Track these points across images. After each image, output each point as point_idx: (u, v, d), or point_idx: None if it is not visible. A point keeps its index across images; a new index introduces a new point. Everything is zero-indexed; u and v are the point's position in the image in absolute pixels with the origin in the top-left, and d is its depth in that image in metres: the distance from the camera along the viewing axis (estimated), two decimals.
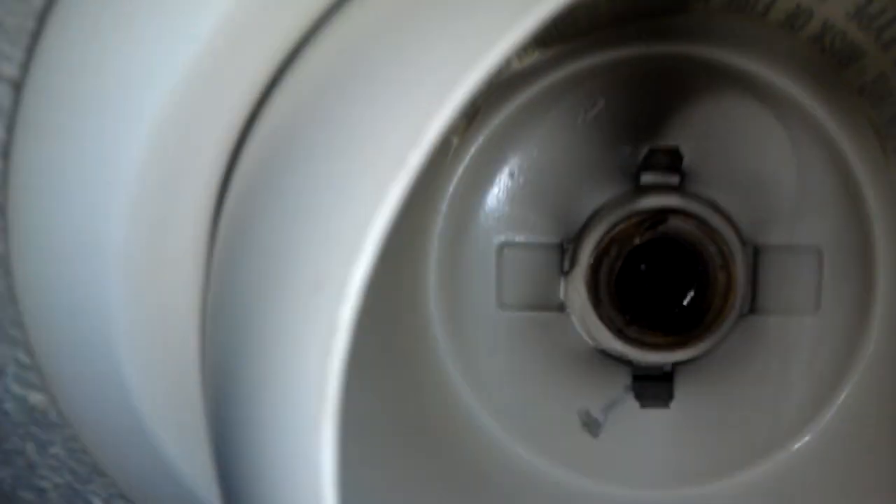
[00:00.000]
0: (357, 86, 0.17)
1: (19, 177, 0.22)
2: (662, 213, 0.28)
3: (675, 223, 0.28)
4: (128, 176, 0.22)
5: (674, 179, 0.29)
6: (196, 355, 0.24)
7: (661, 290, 0.29)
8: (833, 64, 0.28)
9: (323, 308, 0.14)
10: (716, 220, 0.28)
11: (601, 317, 0.29)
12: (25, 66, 0.21)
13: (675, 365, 0.30)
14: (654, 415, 0.30)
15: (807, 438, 0.30)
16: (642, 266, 0.29)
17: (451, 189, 0.29)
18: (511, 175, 0.29)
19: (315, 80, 0.20)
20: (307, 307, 0.15)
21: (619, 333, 0.29)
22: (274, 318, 0.16)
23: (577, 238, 0.29)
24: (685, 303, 0.29)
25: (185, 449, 0.26)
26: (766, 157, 0.29)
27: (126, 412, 0.25)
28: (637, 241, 0.28)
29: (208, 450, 0.22)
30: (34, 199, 0.22)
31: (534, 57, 0.28)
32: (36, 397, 0.25)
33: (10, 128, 0.22)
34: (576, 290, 0.29)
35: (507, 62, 0.27)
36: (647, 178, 0.29)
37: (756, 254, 0.29)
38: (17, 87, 0.21)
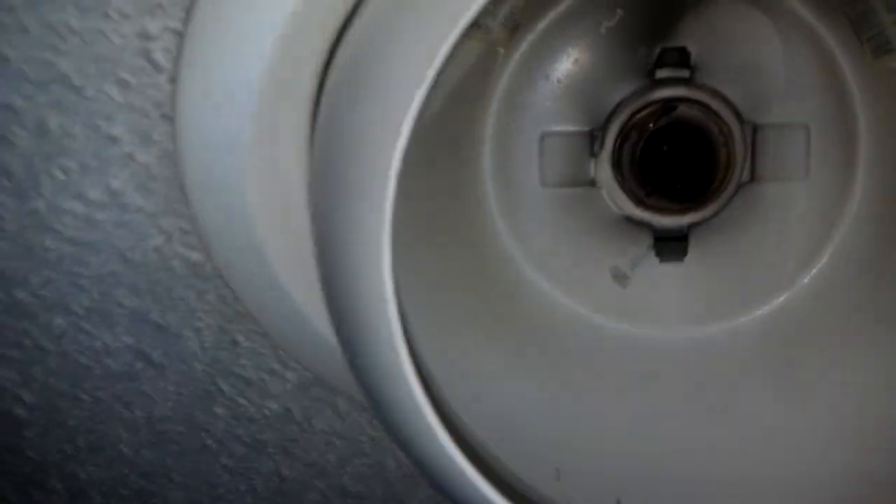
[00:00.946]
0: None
1: (184, 89, 0.30)
2: (673, 102, 0.34)
3: (683, 110, 0.35)
4: (253, 77, 0.30)
5: (684, 73, 0.35)
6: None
7: (676, 166, 0.36)
8: None
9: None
10: (717, 105, 0.34)
11: (625, 189, 0.35)
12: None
13: (689, 227, 0.36)
14: (672, 268, 0.36)
15: (804, 281, 0.36)
16: (661, 146, 0.36)
17: (499, 90, 0.35)
18: (548, 77, 0.35)
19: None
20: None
21: (640, 203, 0.35)
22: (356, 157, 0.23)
23: (604, 126, 0.35)
24: (695, 174, 0.35)
25: (309, 296, 0.34)
26: (760, 50, 0.34)
27: (261, 267, 0.33)
28: (652, 126, 0.35)
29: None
30: (193, 103, 0.30)
31: None
32: (195, 256, 0.34)
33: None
34: (603, 169, 0.35)
35: None
36: (662, 73, 0.35)
37: (754, 131, 0.35)
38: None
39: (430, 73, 0.22)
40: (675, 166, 0.36)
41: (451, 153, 0.36)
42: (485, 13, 0.33)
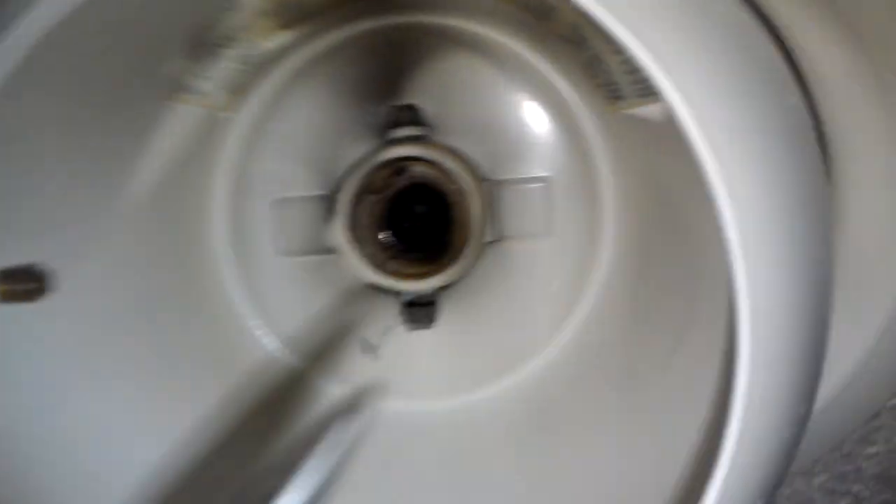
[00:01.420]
0: None
1: None
2: (404, 162, 0.33)
3: (418, 169, 0.33)
4: None
5: (418, 131, 0.33)
6: None
7: (415, 228, 0.34)
8: (537, 18, 0.32)
9: None
10: (450, 164, 0.33)
11: (363, 255, 0.33)
12: None
13: (437, 292, 0.34)
14: (423, 336, 0.34)
15: (560, 341, 0.34)
16: (399, 208, 0.34)
17: (226, 156, 0.34)
18: (279, 141, 0.34)
19: None
20: None
21: (381, 268, 0.33)
22: None
23: (337, 189, 0.33)
24: (436, 236, 0.34)
25: None
26: (496, 105, 0.33)
27: None
28: (385, 187, 0.33)
29: None
30: None
31: (282, 37, 0.32)
32: None
33: None
34: (340, 234, 0.33)
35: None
36: (396, 132, 0.33)
37: (494, 188, 0.33)
38: None
39: None
40: (414, 229, 0.34)
41: (179, 225, 0.33)
42: (196, 76, 0.32)
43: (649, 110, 0.29)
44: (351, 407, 0.34)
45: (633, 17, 0.18)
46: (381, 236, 0.34)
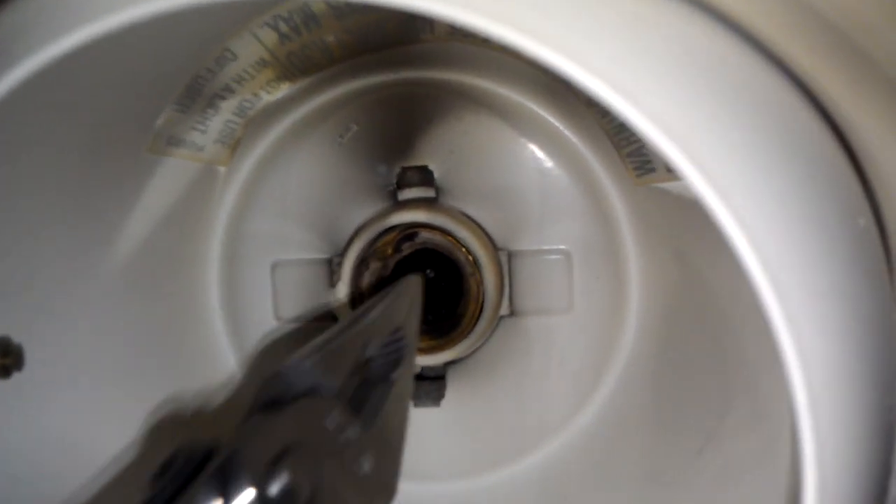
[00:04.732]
0: None
1: None
2: (414, 227, 0.30)
3: (427, 235, 0.30)
4: None
5: (429, 194, 0.31)
6: None
7: (427, 297, 0.31)
8: (560, 79, 0.29)
9: None
10: (462, 231, 0.30)
11: None
12: None
13: (446, 367, 0.32)
14: (432, 414, 0.32)
15: (570, 433, 0.31)
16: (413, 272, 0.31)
17: (223, 215, 0.31)
18: (279, 198, 0.31)
19: None
20: None
21: None
22: None
23: (343, 253, 0.31)
24: (446, 307, 0.31)
25: None
26: (513, 169, 0.30)
27: None
28: (392, 253, 0.30)
29: None
30: None
31: (284, 89, 0.30)
32: None
33: None
34: (342, 301, 0.31)
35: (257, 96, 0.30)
36: (405, 194, 0.31)
37: (510, 259, 0.31)
38: None
39: None
40: (428, 298, 0.31)
41: (174, 283, 0.31)
42: (191, 129, 0.29)
43: (682, 185, 0.26)
44: None
45: (664, 111, 0.15)
46: None
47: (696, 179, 0.14)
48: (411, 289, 0.25)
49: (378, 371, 0.23)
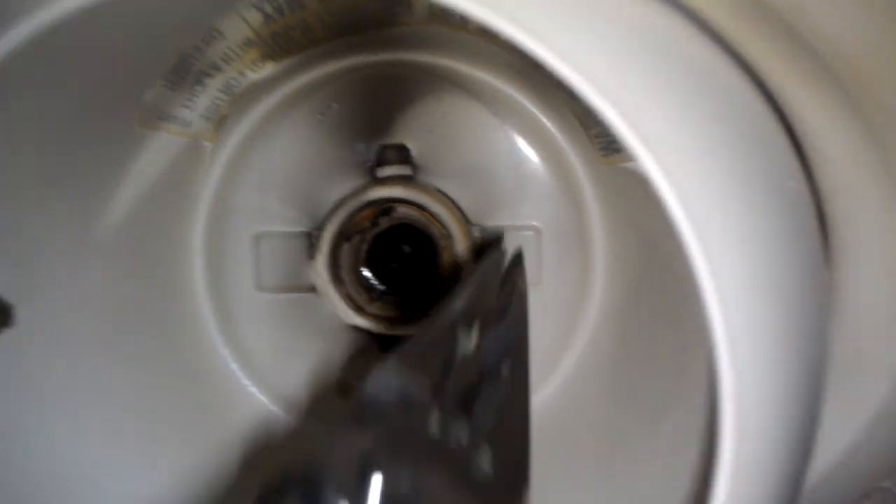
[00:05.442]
0: None
1: None
2: (390, 203, 0.32)
3: (403, 211, 0.32)
4: None
5: (406, 171, 0.32)
6: None
7: (400, 271, 0.33)
8: (531, 62, 0.31)
9: None
10: (436, 207, 0.31)
11: (343, 296, 0.32)
12: None
13: None
14: None
15: (535, 403, 0.33)
16: (384, 249, 0.33)
17: (209, 188, 0.32)
18: (262, 174, 0.32)
19: None
20: None
21: (360, 310, 0.32)
22: None
23: (321, 227, 0.32)
24: (421, 280, 0.32)
25: None
26: (488, 149, 0.32)
27: None
28: (370, 227, 0.32)
29: None
30: None
31: (268, 68, 0.31)
32: None
33: None
34: (320, 273, 0.32)
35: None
36: (383, 171, 0.32)
37: (483, 234, 0.32)
38: None
39: None
40: (398, 271, 0.33)
41: (156, 255, 0.32)
42: (179, 105, 0.30)
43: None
44: None
45: (612, 85, 0.17)
46: (362, 277, 0.32)
47: (623, 131, 0.16)
48: (490, 270, 0.24)
49: (486, 364, 0.22)
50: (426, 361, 0.19)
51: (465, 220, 0.32)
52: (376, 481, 0.15)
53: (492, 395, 0.20)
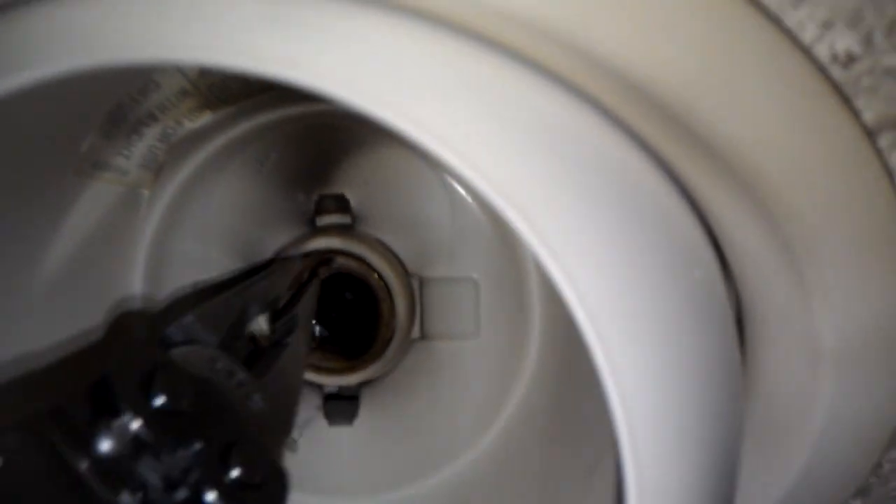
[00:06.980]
0: None
1: None
2: (328, 254, 0.32)
3: (342, 261, 0.32)
4: None
5: (346, 220, 0.32)
6: None
7: (340, 321, 0.33)
8: None
9: None
10: (375, 258, 0.31)
11: None
12: None
13: (360, 387, 0.33)
14: (345, 432, 0.33)
15: (483, 444, 0.33)
16: (324, 300, 0.33)
17: (147, 236, 0.32)
18: (201, 222, 0.32)
19: None
20: None
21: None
22: None
23: None
24: (360, 330, 0.32)
25: None
26: (426, 199, 0.32)
27: None
28: (307, 279, 0.32)
29: None
30: None
31: (206, 118, 0.31)
32: None
33: None
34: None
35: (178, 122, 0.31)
36: (322, 220, 0.32)
37: (421, 285, 0.32)
38: None
39: None
40: (338, 320, 0.33)
41: (99, 301, 0.32)
42: (115, 154, 0.30)
43: None
44: None
45: (501, 174, 0.17)
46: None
47: (534, 242, 0.16)
48: (287, 267, 0.29)
49: (274, 338, 0.28)
50: (217, 322, 0.25)
51: (404, 271, 0.32)
52: (159, 395, 0.19)
53: (271, 358, 0.25)
